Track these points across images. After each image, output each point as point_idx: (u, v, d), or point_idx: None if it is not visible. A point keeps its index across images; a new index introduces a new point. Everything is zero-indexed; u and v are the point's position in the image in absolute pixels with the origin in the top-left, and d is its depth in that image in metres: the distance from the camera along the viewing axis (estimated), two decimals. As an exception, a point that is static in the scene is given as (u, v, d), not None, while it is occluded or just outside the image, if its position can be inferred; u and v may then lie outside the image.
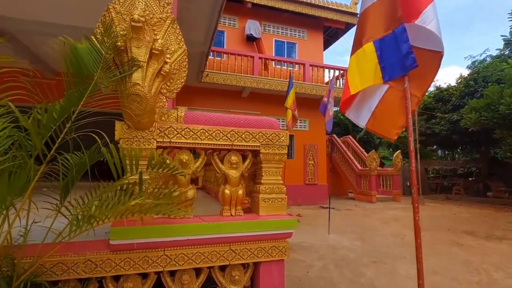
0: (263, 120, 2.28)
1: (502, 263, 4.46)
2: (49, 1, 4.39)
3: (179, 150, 2.09)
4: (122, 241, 1.82)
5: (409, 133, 2.04)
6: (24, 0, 4.43)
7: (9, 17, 4.85)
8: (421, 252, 2.14)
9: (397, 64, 2.02)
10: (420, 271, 2.13)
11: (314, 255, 4.60)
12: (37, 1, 4.48)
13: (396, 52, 2.03)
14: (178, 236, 1.94)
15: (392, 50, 2.06)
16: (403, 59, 1.98)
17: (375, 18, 2.23)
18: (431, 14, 1.94)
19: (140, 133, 1.95)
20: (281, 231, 2.17)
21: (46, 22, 4.83)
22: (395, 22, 2.10)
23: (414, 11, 1.98)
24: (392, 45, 2.07)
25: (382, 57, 2.14)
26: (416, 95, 2.11)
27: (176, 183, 2.05)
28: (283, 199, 2.26)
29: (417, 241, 2.06)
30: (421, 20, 1.92)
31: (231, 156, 2.19)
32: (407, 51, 1.96)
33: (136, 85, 1.77)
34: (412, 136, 2.02)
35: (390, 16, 2.14)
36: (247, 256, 2.10)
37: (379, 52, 2.15)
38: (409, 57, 1.94)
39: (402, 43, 1.99)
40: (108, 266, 1.83)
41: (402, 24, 2.05)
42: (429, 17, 1.92)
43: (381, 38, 2.17)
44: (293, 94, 6.74)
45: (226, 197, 2.16)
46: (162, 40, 1.90)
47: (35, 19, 4.87)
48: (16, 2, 4.49)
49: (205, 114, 2.18)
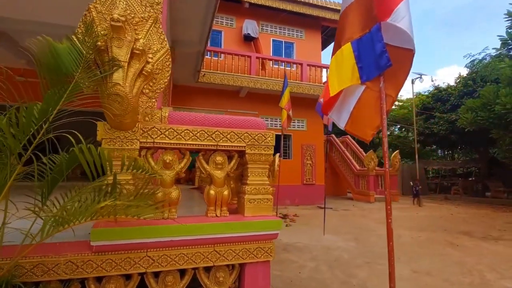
0: (249, 121, 2.27)
1: (496, 264, 4.44)
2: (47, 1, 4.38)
3: (164, 151, 2.08)
4: (103, 242, 1.81)
5: (384, 133, 2.02)
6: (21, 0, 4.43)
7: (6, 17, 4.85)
8: (393, 255, 2.12)
9: (373, 64, 2.00)
10: (392, 274, 2.11)
11: (307, 256, 4.59)
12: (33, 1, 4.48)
13: (372, 52, 2.01)
14: (161, 237, 1.92)
15: (369, 50, 2.04)
16: (378, 58, 1.96)
17: (353, 18, 2.21)
18: (403, 12, 1.92)
19: (122, 134, 1.94)
20: (266, 232, 2.15)
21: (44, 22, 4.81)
22: (371, 21, 2.08)
23: (387, 9, 1.95)
24: (369, 44, 2.05)
25: (359, 57, 2.12)
26: (391, 95, 2.09)
27: (160, 184, 2.03)
28: (269, 200, 2.24)
29: (389, 243, 2.04)
30: (392, 17, 1.90)
31: (216, 156, 2.18)
32: (381, 51, 1.94)
33: (116, 85, 1.75)
34: (386, 137, 2.01)
35: (367, 16, 2.13)
36: (232, 257, 2.08)
37: (357, 53, 2.13)
38: (383, 56, 1.92)
39: (377, 42, 1.96)
40: (89, 267, 1.81)
41: (377, 23, 2.03)
42: (401, 15, 1.90)
43: (359, 38, 2.16)
44: (288, 94, 6.72)
45: (211, 198, 2.15)
46: (144, 40, 1.89)
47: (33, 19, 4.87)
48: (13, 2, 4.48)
49: (190, 114, 2.16)
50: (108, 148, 1.91)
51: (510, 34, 10.57)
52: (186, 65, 8.10)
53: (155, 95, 1.96)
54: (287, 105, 6.84)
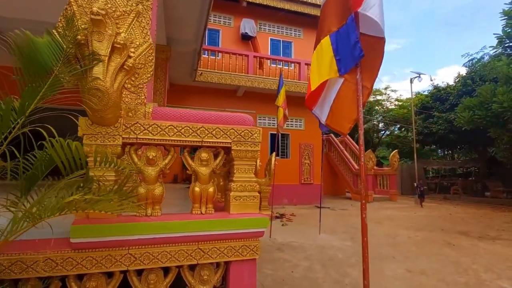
0: (235, 117, 2.23)
1: (492, 263, 4.40)
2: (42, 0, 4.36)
3: (148, 147, 2.04)
4: (84, 239, 1.78)
5: (360, 126, 1.98)
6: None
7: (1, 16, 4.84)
8: (367, 251, 2.09)
9: (349, 55, 1.97)
10: (366, 271, 2.08)
11: (301, 255, 4.55)
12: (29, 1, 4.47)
13: (348, 43, 1.98)
14: (143, 234, 1.89)
15: (346, 41, 2.01)
16: (352, 49, 1.93)
17: (332, 11, 2.19)
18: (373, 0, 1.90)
19: (104, 129, 1.91)
20: (252, 229, 2.12)
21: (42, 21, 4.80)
22: (347, 12, 2.06)
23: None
24: (346, 36, 2.02)
25: (337, 50, 2.09)
26: (367, 86, 2.05)
27: (143, 180, 2.00)
28: (256, 197, 2.21)
29: (364, 239, 2.00)
30: (363, 6, 1.88)
31: (201, 153, 2.14)
32: (355, 41, 1.91)
33: (96, 79, 1.72)
34: (362, 130, 1.97)
35: (344, 7, 2.11)
36: (216, 255, 2.05)
37: (335, 45, 2.10)
38: (356, 47, 1.89)
39: (351, 33, 1.94)
40: (69, 265, 1.78)
41: (351, 13, 2.01)
42: (371, 3, 1.87)
43: (337, 31, 2.13)
44: (284, 93, 6.68)
45: (196, 195, 2.11)
46: (126, 34, 1.86)
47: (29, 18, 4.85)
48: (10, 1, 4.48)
49: (175, 110, 2.13)
50: (90, 144, 1.89)
51: (506, 32, 10.52)
52: (183, 64, 8.08)
53: (137, 90, 1.93)
54: (283, 104, 6.80)
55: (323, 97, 2.35)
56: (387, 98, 25.05)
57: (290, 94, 9.58)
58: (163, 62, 6.56)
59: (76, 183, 1.27)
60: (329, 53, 2.12)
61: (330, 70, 2.12)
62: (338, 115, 2.22)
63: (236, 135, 2.17)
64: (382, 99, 25.12)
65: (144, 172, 1.98)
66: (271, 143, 10.93)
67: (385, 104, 25.13)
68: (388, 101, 25.12)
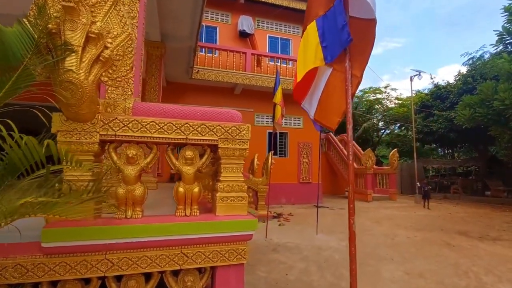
0: (222, 113, 2.11)
1: (493, 265, 4.27)
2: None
3: (128, 145, 1.92)
4: (56, 244, 1.66)
5: (348, 120, 1.83)
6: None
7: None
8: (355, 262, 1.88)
9: (337, 41, 1.81)
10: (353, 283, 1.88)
11: (297, 256, 4.43)
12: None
13: (335, 28, 1.82)
14: (122, 238, 1.77)
15: (332, 25, 1.86)
16: (339, 34, 1.78)
17: None
18: None
19: (80, 126, 1.79)
20: (239, 233, 1.99)
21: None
22: None
23: None
24: (333, 20, 1.86)
25: (324, 35, 1.93)
26: (356, 75, 1.90)
27: (123, 180, 1.88)
28: (244, 198, 2.09)
29: (351, 249, 1.83)
30: None
31: (186, 151, 2.02)
32: (342, 24, 1.75)
33: (69, 71, 1.60)
34: (351, 124, 1.81)
35: None
36: (201, 260, 1.93)
37: (321, 31, 1.94)
38: (344, 30, 1.74)
39: (338, 15, 1.78)
40: (41, 271, 1.66)
41: None
42: None
43: (324, 15, 1.97)
44: (281, 91, 6.55)
45: (180, 196, 1.99)
46: (102, 23, 1.73)
47: None
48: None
49: (157, 105, 2.00)
50: (64, 141, 1.77)
51: (507, 29, 10.36)
52: (179, 61, 7.94)
53: (115, 83, 1.81)
54: (281, 102, 6.67)
55: (312, 89, 2.20)
56: (387, 96, 24.90)
57: (289, 92, 9.43)
58: (157, 58, 6.43)
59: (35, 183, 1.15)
60: (315, 39, 1.97)
61: (315, 58, 1.97)
62: (327, 108, 2.07)
63: (223, 132, 2.04)
64: (382, 98, 24.97)
65: (124, 171, 1.86)
66: (269, 142, 10.80)
67: (385, 103, 24.97)
68: (388, 100, 24.97)
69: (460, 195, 15.31)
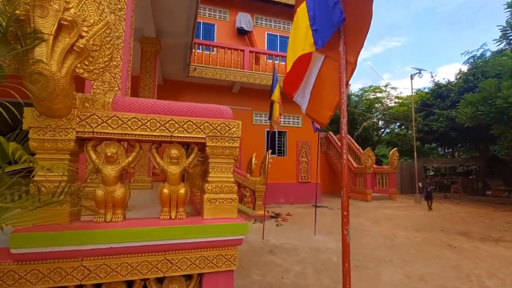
0: (210, 108, 1.97)
1: (496, 268, 4.15)
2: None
3: (107, 143, 1.78)
4: (27, 250, 1.52)
5: (342, 113, 1.66)
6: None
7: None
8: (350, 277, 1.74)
9: (327, 22, 1.64)
10: None
11: (293, 258, 4.31)
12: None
13: (326, 6, 1.65)
14: (100, 243, 1.63)
15: (324, 4, 1.68)
16: (331, 13, 1.61)
17: None
18: None
19: (54, 122, 1.65)
20: (228, 237, 1.86)
21: None
22: None
23: None
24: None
25: (314, 17, 1.76)
26: (351, 61, 1.73)
27: (102, 181, 1.75)
28: (233, 200, 1.95)
29: (345, 265, 1.67)
30: None
31: (171, 149, 1.88)
32: (334, 2, 1.59)
33: (39, 62, 1.46)
34: (345, 117, 1.63)
35: None
36: (187, 266, 1.79)
37: (312, 12, 1.77)
38: (336, 8, 1.57)
39: None
40: (10, 279, 1.53)
41: None
42: None
43: None
44: (279, 88, 6.41)
45: (165, 198, 1.86)
46: (76, 10, 1.58)
47: None
48: None
49: (140, 100, 1.87)
50: (37, 139, 1.63)
51: (510, 24, 10.19)
52: (175, 58, 7.80)
53: (92, 76, 1.66)
54: (280, 100, 6.53)
55: (305, 81, 2.04)
56: (387, 95, 24.73)
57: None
58: (152, 55, 6.28)
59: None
60: (305, 22, 1.81)
61: (305, 43, 1.80)
62: (320, 101, 1.90)
63: (211, 129, 1.90)
64: (382, 97, 24.80)
65: (102, 171, 1.73)
66: (267, 141, 10.66)
67: (385, 102, 24.81)
68: (388, 99, 24.80)
69: (460, 195, 15.18)
